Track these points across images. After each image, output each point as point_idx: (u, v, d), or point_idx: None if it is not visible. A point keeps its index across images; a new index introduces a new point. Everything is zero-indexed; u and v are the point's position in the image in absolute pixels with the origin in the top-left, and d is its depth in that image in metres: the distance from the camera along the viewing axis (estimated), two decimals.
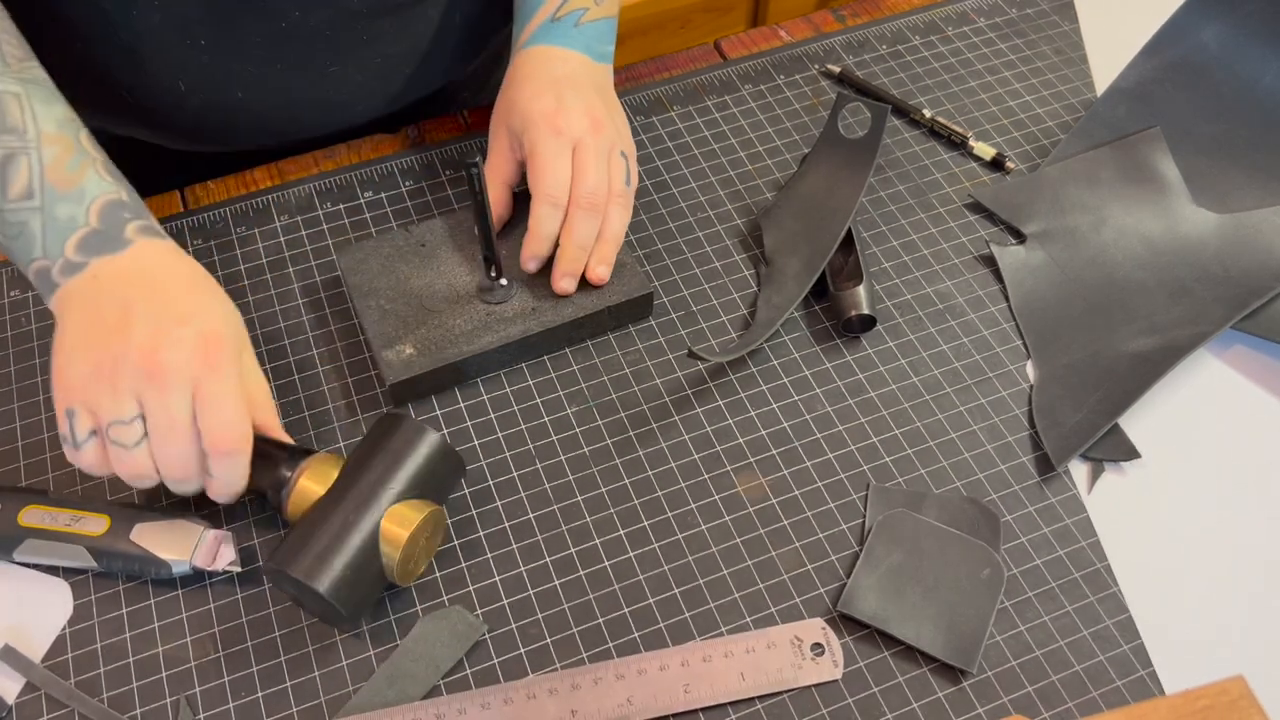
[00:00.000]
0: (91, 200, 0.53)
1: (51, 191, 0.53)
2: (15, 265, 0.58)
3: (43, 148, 0.53)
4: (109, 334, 0.51)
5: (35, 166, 0.53)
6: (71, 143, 0.54)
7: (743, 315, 0.66)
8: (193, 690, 0.52)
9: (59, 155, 0.53)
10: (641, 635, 0.54)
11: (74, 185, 0.53)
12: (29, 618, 0.54)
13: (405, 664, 0.52)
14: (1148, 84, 0.73)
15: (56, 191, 0.53)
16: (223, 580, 0.55)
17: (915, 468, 0.59)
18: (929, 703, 0.52)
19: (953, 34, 0.81)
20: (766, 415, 0.61)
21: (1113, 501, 0.58)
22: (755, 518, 0.57)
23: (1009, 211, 0.70)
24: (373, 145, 0.75)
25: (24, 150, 0.53)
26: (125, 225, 0.54)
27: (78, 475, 0.59)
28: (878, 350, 0.64)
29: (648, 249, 0.69)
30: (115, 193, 0.55)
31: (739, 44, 0.81)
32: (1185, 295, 0.64)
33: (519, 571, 0.56)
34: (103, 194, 0.54)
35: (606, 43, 0.67)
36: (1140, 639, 0.53)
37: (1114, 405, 0.60)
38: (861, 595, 0.54)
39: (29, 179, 0.53)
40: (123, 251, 0.53)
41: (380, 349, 0.60)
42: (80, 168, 0.54)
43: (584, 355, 0.64)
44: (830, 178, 0.68)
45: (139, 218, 0.55)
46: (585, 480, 0.59)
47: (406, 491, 0.52)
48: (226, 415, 0.50)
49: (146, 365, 0.49)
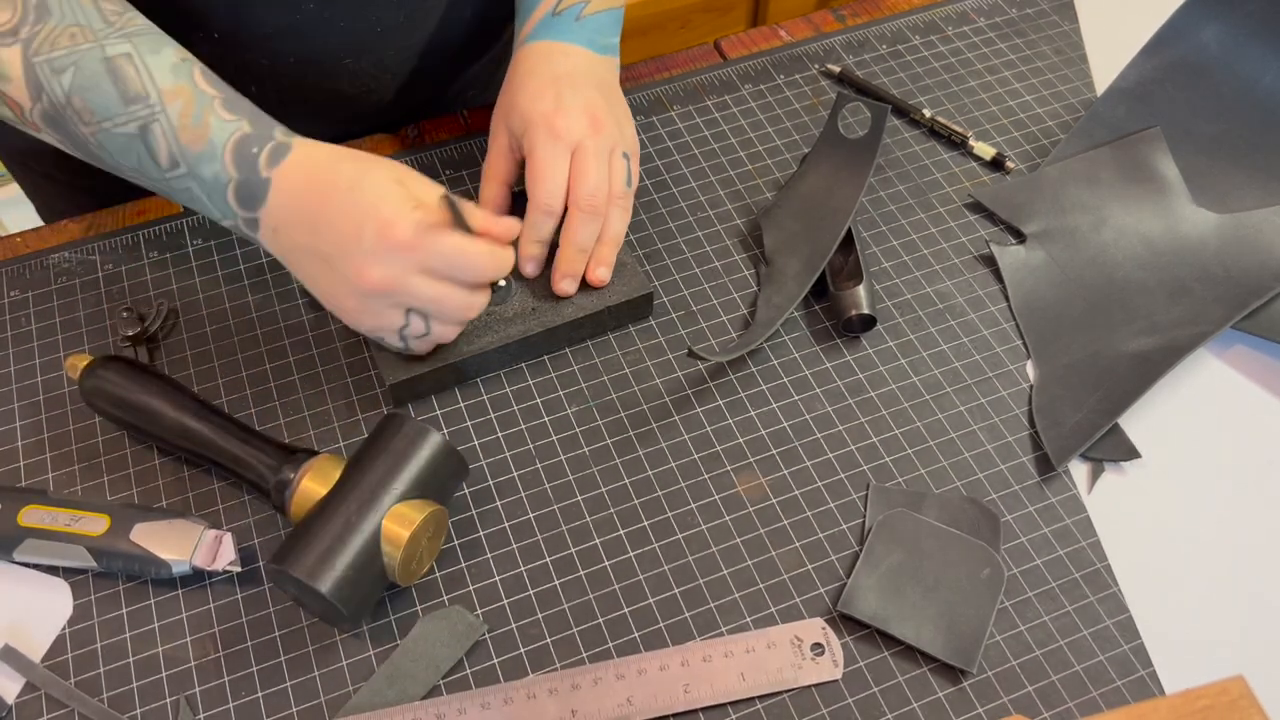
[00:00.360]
0: (223, 150, 0.53)
1: (189, 154, 0.53)
2: None
3: (168, 108, 0.53)
4: (329, 277, 0.54)
5: (169, 132, 0.53)
6: (190, 90, 0.54)
7: (743, 315, 0.66)
8: (193, 690, 0.52)
9: (183, 110, 0.53)
10: (641, 635, 0.54)
11: (205, 140, 0.53)
12: (29, 618, 0.54)
13: (405, 664, 0.52)
14: (1148, 84, 0.73)
15: (192, 153, 0.53)
16: (223, 580, 0.55)
17: (915, 468, 0.59)
18: (929, 703, 0.52)
19: (953, 34, 0.81)
20: (766, 415, 0.61)
21: (1113, 501, 0.58)
22: (755, 518, 0.57)
23: (1009, 211, 0.70)
24: (372, 145, 0.75)
25: (153, 117, 0.53)
26: (257, 162, 0.54)
27: (78, 475, 0.59)
28: (878, 350, 0.64)
29: (648, 249, 0.69)
30: (238, 128, 0.54)
31: (739, 44, 0.81)
32: (1185, 295, 0.64)
33: (519, 571, 0.56)
34: (229, 138, 0.53)
35: (610, 34, 0.66)
36: (1140, 639, 0.53)
37: (1114, 405, 0.60)
38: (861, 595, 0.54)
39: (169, 147, 0.53)
40: (267, 194, 0.54)
41: (380, 349, 0.60)
42: (204, 118, 0.53)
43: (584, 355, 0.64)
44: (830, 178, 0.68)
45: (264, 141, 0.54)
46: (585, 480, 0.59)
47: (408, 492, 0.52)
48: (463, 260, 0.54)
49: (372, 288, 0.53)
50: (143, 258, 0.68)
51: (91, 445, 0.60)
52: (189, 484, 0.59)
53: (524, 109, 0.62)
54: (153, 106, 0.53)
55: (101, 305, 0.66)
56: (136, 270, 0.67)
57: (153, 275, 0.67)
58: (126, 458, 0.59)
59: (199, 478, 0.59)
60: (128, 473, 0.59)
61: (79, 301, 0.66)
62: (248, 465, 0.55)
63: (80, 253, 0.68)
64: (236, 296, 0.66)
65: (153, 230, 0.69)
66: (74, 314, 0.65)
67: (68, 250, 0.68)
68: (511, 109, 0.63)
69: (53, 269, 0.67)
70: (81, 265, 0.68)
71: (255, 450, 0.55)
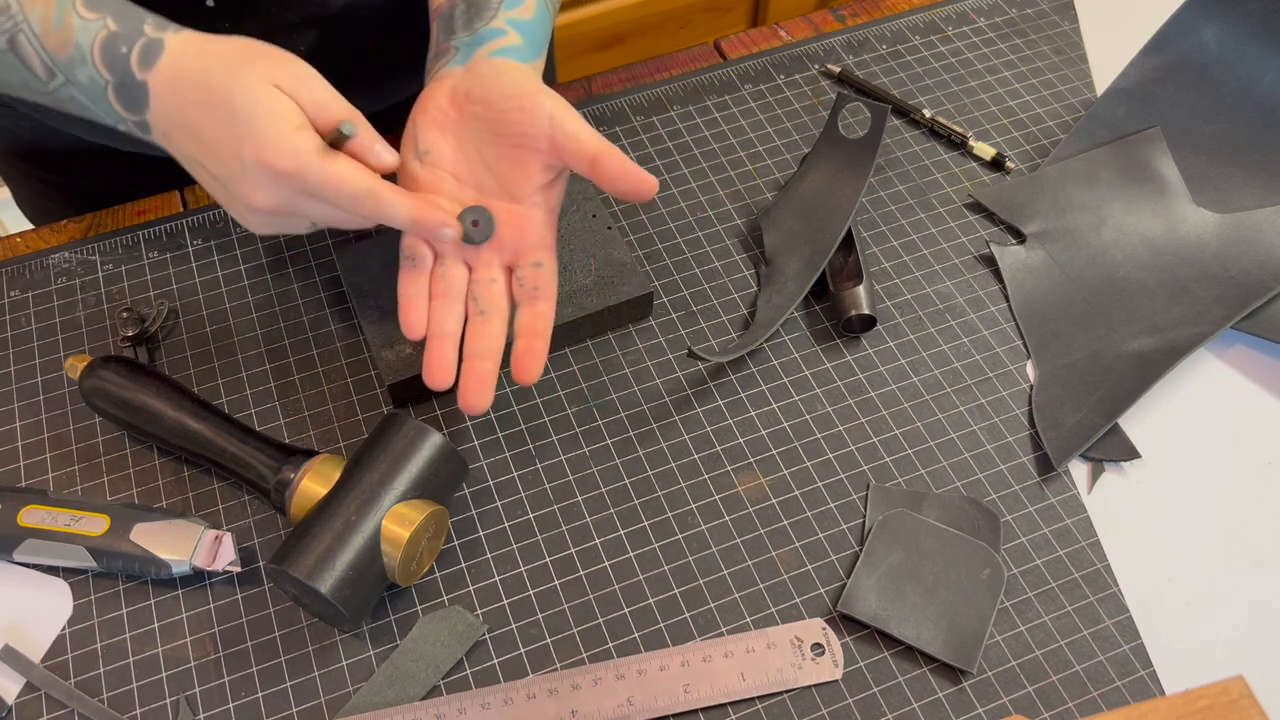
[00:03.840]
0: (90, 51, 0.50)
1: (59, 60, 0.51)
2: None
3: (29, 15, 0.50)
4: (224, 194, 0.52)
5: (33, 40, 0.50)
6: None
7: (743, 315, 0.66)
8: (193, 690, 0.52)
9: (44, 14, 0.50)
10: (641, 635, 0.54)
11: (71, 44, 0.50)
12: (29, 618, 0.54)
13: (405, 664, 0.52)
14: (1148, 84, 0.73)
15: (61, 58, 0.51)
16: (223, 580, 0.55)
17: (915, 468, 0.59)
18: (929, 703, 0.52)
19: (953, 34, 0.81)
20: (766, 415, 0.61)
21: (1113, 501, 0.58)
22: (755, 518, 0.57)
23: (1009, 211, 0.70)
24: None
25: (17, 28, 0.50)
26: (129, 63, 0.50)
27: (78, 475, 0.59)
28: (878, 350, 0.64)
29: (648, 249, 0.69)
30: (102, 26, 0.50)
31: (739, 44, 0.81)
32: (1185, 295, 0.64)
33: (519, 571, 0.56)
34: (94, 38, 0.50)
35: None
36: (1140, 639, 0.53)
37: (1114, 405, 0.60)
38: (861, 595, 0.54)
39: (39, 56, 0.51)
40: (147, 95, 0.51)
41: (379, 349, 0.60)
42: (65, 19, 0.50)
43: (584, 355, 0.64)
44: (830, 178, 0.68)
45: (132, 39, 0.51)
46: (585, 480, 0.59)
47: (408, 492, 0.52)
48: (350, 199, 0.51)
49: (263, 209, 0.51)
50: (143, 258, 0.68)
51: (91, 445, 0.60)
52: (189, 484, 0.59)
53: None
54: (14, 17, 0.50)
55: (101, 305, 0.66)
56: (136, 270, 0.67)
57: (153, 275, 0.67)
58: (126, 458, 0.59)
59: (199, 478, 0.59)
60: (128, 473, 0.59)
61: (79, 301, 0.66)
62: (248, 465, 0.55)
63: (80, 253, 0.68)
64: (236, 296, 0.66)
65: (153, 230, 0.69)
66: (74, 314, 0.65)
67: (68, 250, 0.68)
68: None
69: (53, 269, 0.67)
70: (81, 265, 0.68)
71: (255, 450, 0.55)
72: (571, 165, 0.54)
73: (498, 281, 0.56)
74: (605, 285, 0.63)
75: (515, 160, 0.55)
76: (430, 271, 0.56)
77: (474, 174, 0.56)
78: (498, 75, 0.55)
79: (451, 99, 0.56)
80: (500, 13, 0.57)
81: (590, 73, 0.61)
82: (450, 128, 0.56)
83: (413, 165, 0.56)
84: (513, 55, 0.56)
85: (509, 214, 0.56)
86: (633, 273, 0.64)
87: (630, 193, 0.53)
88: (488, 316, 0.56)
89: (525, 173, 0.55)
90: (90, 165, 0.78)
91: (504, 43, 0.57)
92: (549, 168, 0.55)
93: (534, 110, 0.53)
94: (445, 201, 0.55)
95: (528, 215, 0.56)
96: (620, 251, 0.64)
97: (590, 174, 0.53)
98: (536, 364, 0.55)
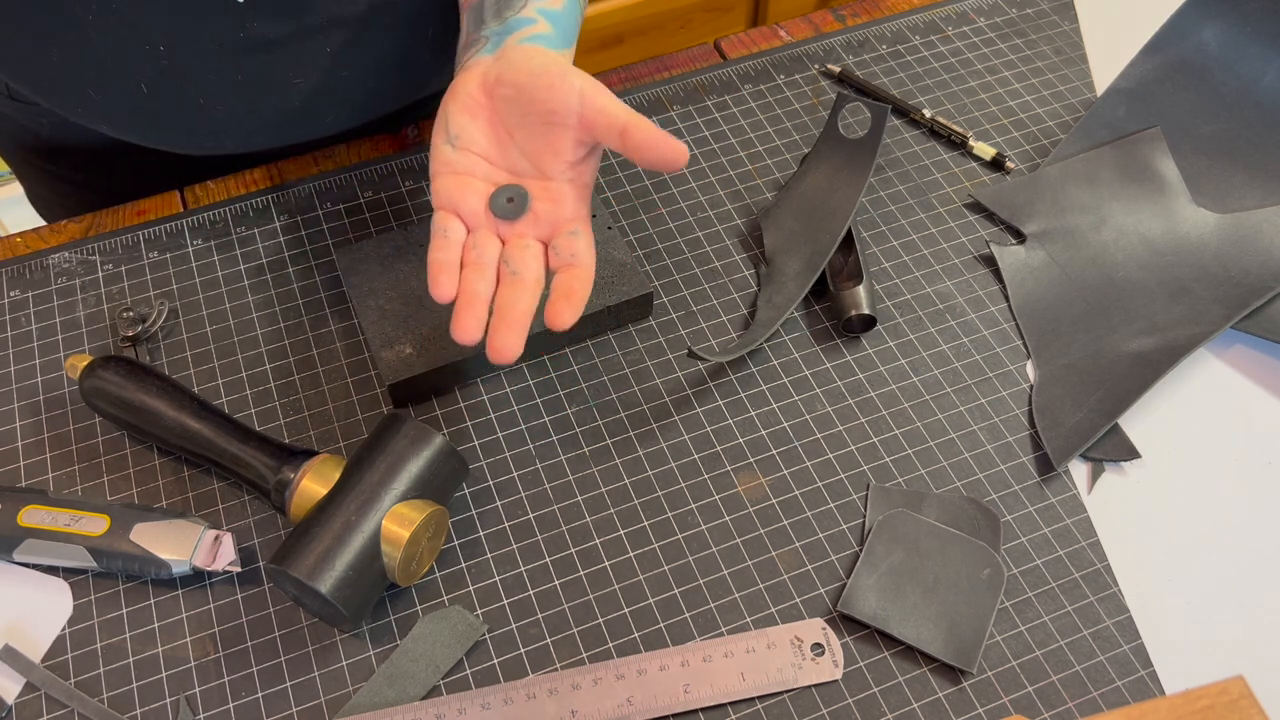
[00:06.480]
0: None
1: None
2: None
3: None
4: None
5: None
6: None
7: (743, 315, 0.66)
8: (193, 690, 0.52)
9: None
10: (641, 635, 0.54)
11: None
12: (29, 618, 0.54)
13: (405, 664, 0.52)
14: (1148, 84, 0.73)
15: None
16: (223, 580, 0.55)
17: (915, 468, 0.59)
18: (929, 703, 0.52)
19: (953, 34, 0.81)
20: (766, 415, 0.61)
21: (1113, 501, 0.58)
22: (755, 518, 0.57)
23: (1009, 211, 0.70)
24: (372, 145, 0.75)
25: None
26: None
27: (78, 475, 0.59)
28: (878, 350, 0.64)
29: (648, 249, 0.69)
30: None
31: (739, 44, 0.81)
32: (1185, 295, 0.64)
33: (519, 571, 0.56)
34: None
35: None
36: (1140, 639, 0.53)
37: (1114, 405, 0.60)
38: (861, 595, 0.54)
39: None
40: None
41: (379, 349, 0.60)
42: None
43: (584, 355, 0.64)
44: (830, 178, 0.68)
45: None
46: (585, 480, 0.59)
47: (408, 492, 0.52)
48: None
49: None
50: (143, 258, 0.68)
51: (91, 445, 0.60)
52: (189, 484, 0.59)
53: None
54: None
55: (101, 305, 0.66)
56: (136, 270, 0.67)
57: (153, 275, 0.67)
58: (126, 458, 0.59)
59: (199, 478, 0.59)
60: (128, 473, 0.59)
61: (79, 301, 0.66)
62: (248, 465, 0.55)
63: (80, 253, 0.68)
64: (236, 296, 0.66)
65: (153, 230, 0.69)
66: (74, 314, 0.65)
67: (68, 250, 0.68)
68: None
69: (53, 269, 0.67)
70: (81, 265, 0.68)
71: (255, 450, 0.55)
72: (602, 140, 0.54)
73: (532, 247, 0.55)
74: (605, 285, 0.63)
75: (546, 138, 0.55)
76: (462, 244, 0.55)
77: (506, 156, 0.56)
78: (528, 59, 0.55)
79: (482, 85, 0.56)
80: (530, 2, 0.58)
81: (590, 73, 0.61)
82: (481, 113, 0.56)
83: (445, 150, 0.56)
84: (542, 43, 0.57)
85: (543, 190, 0.56)
86: (633, 273, 0.64)
87: (660, 161, 0.53)
88: (520, 276, 0.54)
89: (556, 150, 0.55)
90: (109, 162, 0.78)
91: (533, 31, 0.57)
92: (580, 144, 0.55)
93: (563, 88, 0.53)
94: (479, 183, 0.56)
95: (561, 191, 0.56)
96: (620, 251, 0.64)
97: (621, 147, 0.53)
98: (572, 310, 0.53)
